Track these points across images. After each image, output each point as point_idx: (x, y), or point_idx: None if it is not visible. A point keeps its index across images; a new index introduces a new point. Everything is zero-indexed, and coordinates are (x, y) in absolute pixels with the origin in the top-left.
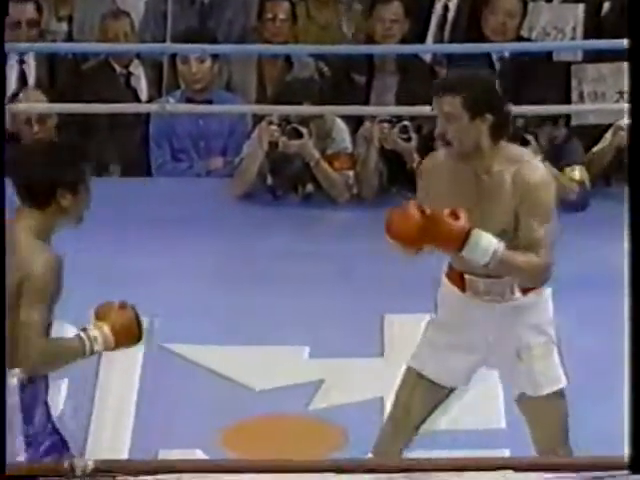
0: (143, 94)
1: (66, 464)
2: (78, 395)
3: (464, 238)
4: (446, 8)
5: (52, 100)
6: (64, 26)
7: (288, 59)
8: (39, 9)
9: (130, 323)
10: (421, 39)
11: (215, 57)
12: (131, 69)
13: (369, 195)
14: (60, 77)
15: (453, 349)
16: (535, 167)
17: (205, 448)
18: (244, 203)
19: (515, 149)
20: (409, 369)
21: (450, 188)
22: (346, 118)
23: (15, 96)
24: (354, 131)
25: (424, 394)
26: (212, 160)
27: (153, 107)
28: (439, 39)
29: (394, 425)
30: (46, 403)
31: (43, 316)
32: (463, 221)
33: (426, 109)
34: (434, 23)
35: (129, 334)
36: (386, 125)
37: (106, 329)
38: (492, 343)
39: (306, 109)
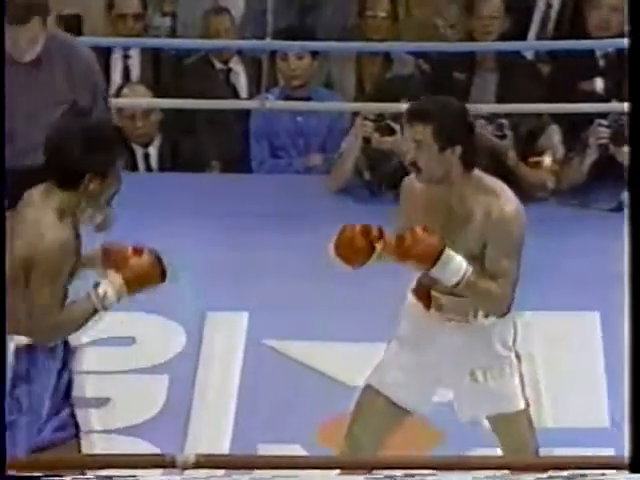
0: (243, 91)
1: (168, 457)
2: (178, 390)
3: (437, 256)
4: (548, 4)
5: (156, 95)
6: (167, 21)
7: (388, 56)
8: (144, 4)
9: (146, 270)
10: (523, 35)
11: (314, 54)
12: (231, 65)
13: None
14: (163, 72)
15: (412, 368)
16: (508, 201)
17: (303, 443)
18: (341, 199)
19: (488, 180)
20: (367, 386)
21: (422, 211)
22: None
23: (119, 90)
24: None
25: (382, 413)
26: (311, 157)
27: (252, 104)
28: (542, 36)
29: (351, 443)
30: (58, 375)
31: (54, 293)
32: (437, 238)
33: (524, 107)
34: (536, 19)
35: (145, 280)
36: (482, 122)
37: (118, 281)
38: (448, 362)
39: (401, 106)
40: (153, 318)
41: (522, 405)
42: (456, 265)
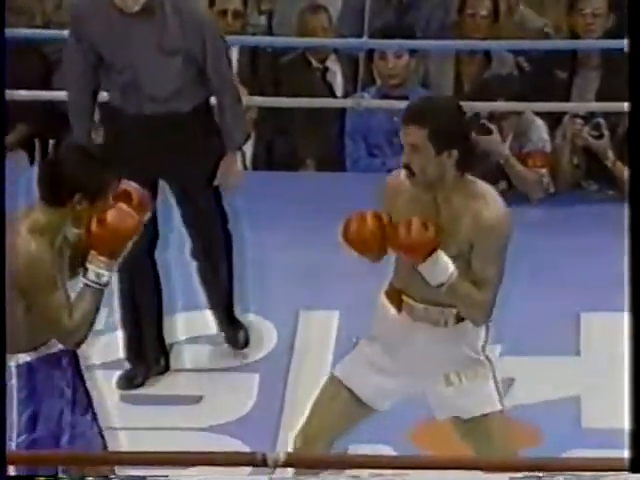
0: (339, 89)
1: (258, 456)
2: (269, 389)
3: (429, 252)
4: None
5: (251, 93)
6: (263, 19)
7: (487, 55)
8: (244, 1)
9: (113, 229)
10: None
11: (412, 52)
12: (327, 64)
13: (563, 192)
14: (259, 70)
15: (380, 368)
16: (496, 208)
17: (394, 444)
18: None
19: (479, 185)
20: (332, 377)
21: (409, 211)
22: (547, 115)
23: None
24: (555, 127)
25: (343, 406)
26: None
27: (348, 102)
28: None
29: (305, 436)
30: (73, 389)
31: (55, 302)
32: (432, 235)
33: (624, 105)
34: None
35: (118, 236)
36: (579, 122)
37: (97, 257)
38: (420, 364)
39: (500, 105)
40: (246, 316)
41: (498, 407)
42: (444, 265)
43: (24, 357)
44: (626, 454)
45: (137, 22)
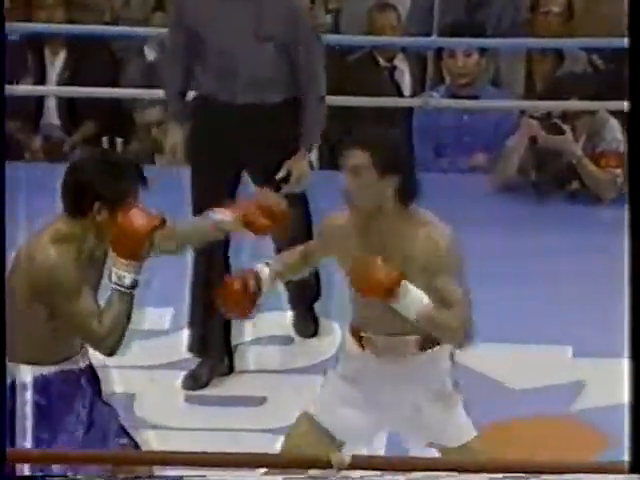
0: (406, 88)
1: (324, 457)
2: None
3: (397, 287)
4: None
5: None
6: (330, 18)
7: (559, 53)
8: (312, 1)
9: (130, 231)
10: None
11: (483, 51)
12: (395, 63)
13: None
14: (326, 69)
15: (351, 404)
16: (445, 231)
17: None
18: (505, 199)
19: (422, 214)
20: (304, 414)
21: (357, 248)
22: (621, 114)
23: None
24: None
25: (315, 443)
26: (475, 156)
27: (416, 101)
28: None
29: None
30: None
31: (81, 309)
32: (394, 267)
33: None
34: None
35: (136, 237)
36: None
37: (118, 260)
38: (389, 401)
39: (574, 105)
40: None
41: (473, 433)
42: (417, 296)
43: (41, 370)
44: (626, 456)
45: (235, 6)
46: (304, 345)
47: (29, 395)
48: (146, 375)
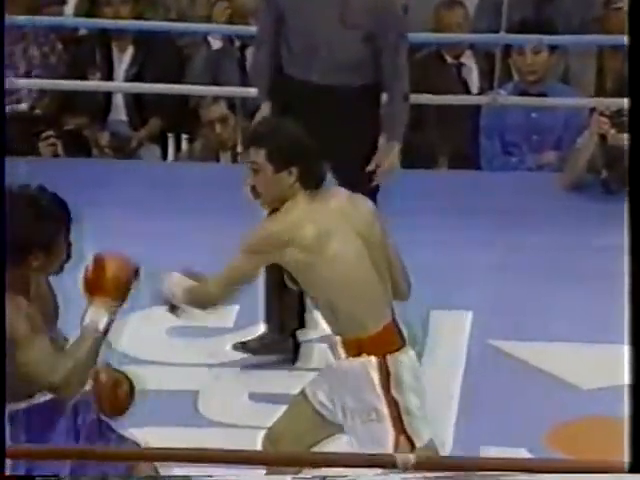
0: (474, 86)
1: (388, 457)
2: None
3: None
4: None
5: None
6: None
7: None
8: None
9: (112, 275)
10: None
11: (553, 48)
12: (463, 60)
13: None
14: None
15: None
16: (276, 217)
17: (530, 447)
18: (575, 197)
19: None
20: (302, 392)
21: None
22: None
23: None
24: None
25: (308, 421)
26: (544, 154)
27: (484, 99)
28: None
29: (268, 440)
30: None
31: (33, 356)
32: None
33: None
34: None
35: (116, 283)
36: None
37: (95, 301)
38: (336, 400)
39: None
40: None
41: (390, 451)
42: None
43: (19, 405)
44: (625, 456)
45: None
46: None
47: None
48: (210, 373)
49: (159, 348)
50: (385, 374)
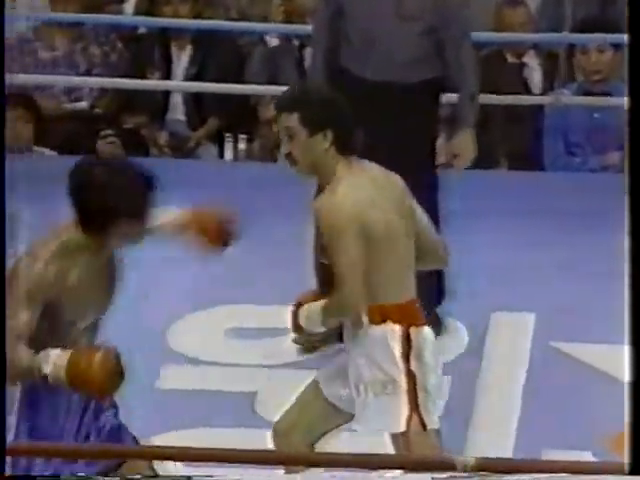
0: (535, 86)
1: (447, 459)
2: (459, 391)
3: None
4: None
5: None
6: None
7: None
8: None
9: (92, 376)
10: None
11: (617, 47)
12: (525, 60)
13: None
14: None
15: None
16: (333, 192)
17: (594, 451)
18: None
19: (360, 167)
20: (313, 380)
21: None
22: None
23: None
24: None
25: (319, 409)
26: (608, 155)
27: (547, 99)
28: None
29: (277, 430)
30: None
31: (19, 322)
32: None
33: None
34: None
35: (87, 384)
36: None
37: (59, 370)
38: (349, 375)
39: None
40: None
41: (401, 427)
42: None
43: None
44: (625, 458)
45: None
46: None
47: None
48: (268, 373)
49: (218, 349)
50: (407, 345)
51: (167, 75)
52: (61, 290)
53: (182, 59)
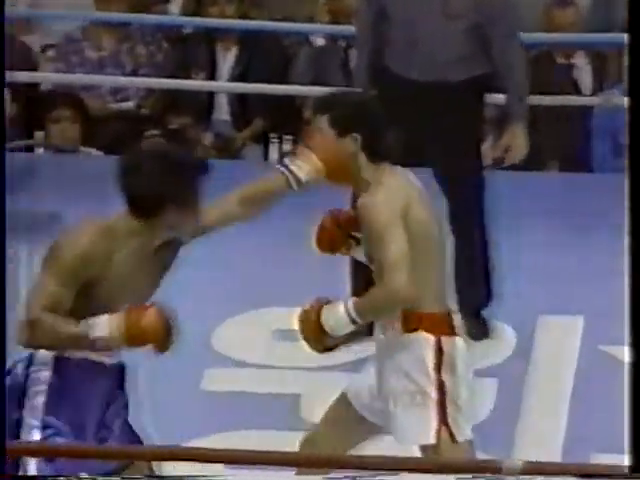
0: (585, 86)
1: (494, 463)
2: (507, 395)
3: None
4: None
5: None
6: None
7: None
8: None
9: (147, 328)
10: None
11: None
12: (574, 60)
13: None
14: None
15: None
16: (376, 191)
17: None
18: None
19: (389, 172)
20: (342, 394)
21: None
22: None
23: None
24: None
25: (349, 423)
26: None
27: (597, 100)
28: None
29: (308, 443)
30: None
31: (57, 295)
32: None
33: None
34: None
35: (144, 338)
36: None
37: (118, 328)
38: (380, 386)
39: None
40: None
41: (431, 440)
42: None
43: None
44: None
45: None
46: (477, 347)
47: (48, 373)
48: (312, 376)
49: (262, 351)
50: (439, 355)
51: (212, 76)
52: (102, 270)
53: (228, 59)
